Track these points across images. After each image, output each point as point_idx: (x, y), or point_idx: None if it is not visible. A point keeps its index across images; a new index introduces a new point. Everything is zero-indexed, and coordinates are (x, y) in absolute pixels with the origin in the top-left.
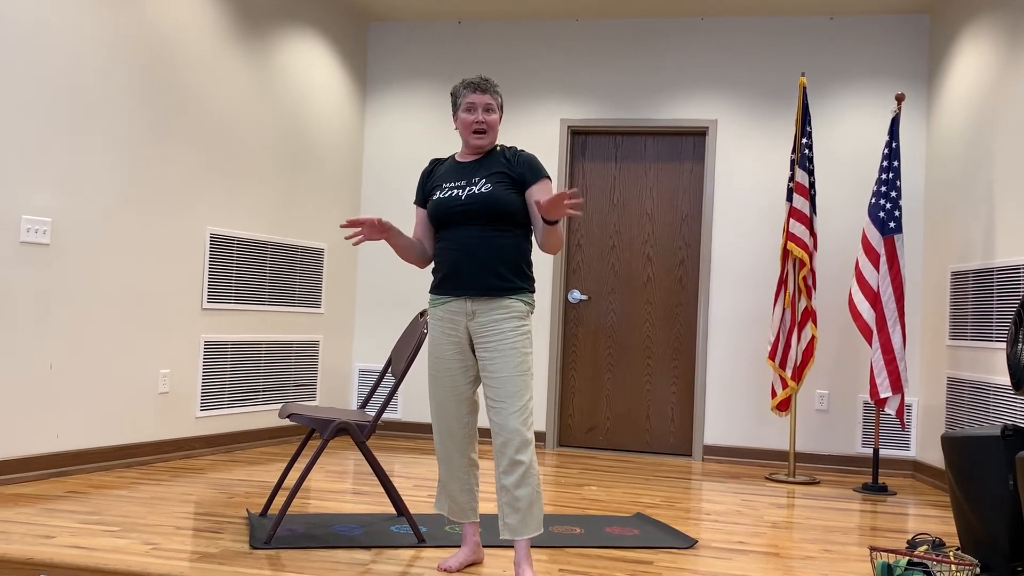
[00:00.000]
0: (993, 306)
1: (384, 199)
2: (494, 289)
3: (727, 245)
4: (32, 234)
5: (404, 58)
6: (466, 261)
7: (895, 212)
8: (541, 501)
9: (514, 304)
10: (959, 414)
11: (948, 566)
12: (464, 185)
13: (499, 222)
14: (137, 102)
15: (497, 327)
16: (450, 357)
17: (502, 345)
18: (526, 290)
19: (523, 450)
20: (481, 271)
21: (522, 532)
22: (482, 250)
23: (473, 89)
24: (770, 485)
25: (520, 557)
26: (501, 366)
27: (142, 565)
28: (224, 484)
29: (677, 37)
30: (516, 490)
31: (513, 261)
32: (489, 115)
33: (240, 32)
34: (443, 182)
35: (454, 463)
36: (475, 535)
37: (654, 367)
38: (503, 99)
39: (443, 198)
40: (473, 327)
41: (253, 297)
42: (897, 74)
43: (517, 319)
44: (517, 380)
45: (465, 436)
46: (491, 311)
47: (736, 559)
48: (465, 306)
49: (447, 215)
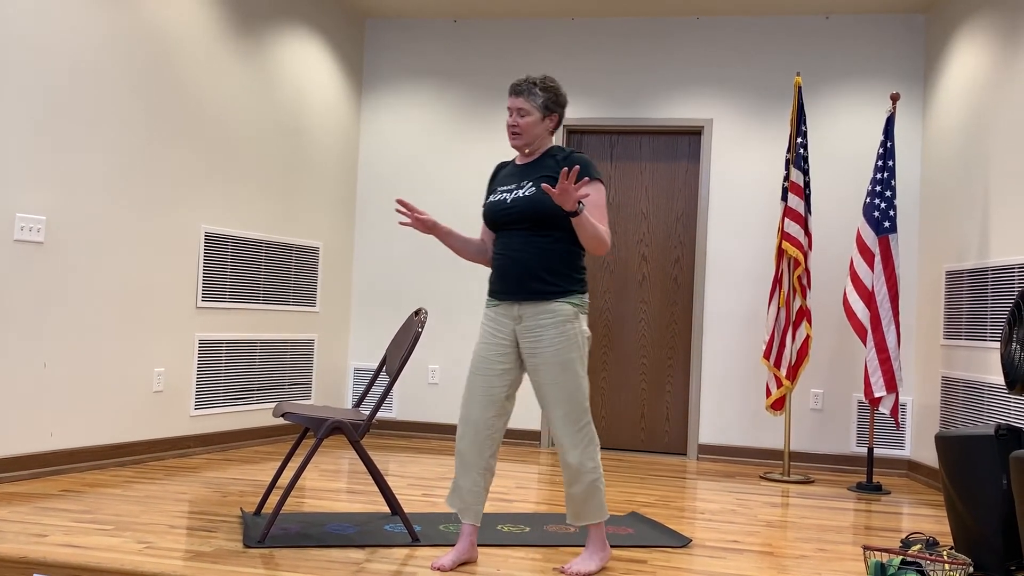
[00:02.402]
0: (987, 305)
1: (380, 197)
2: (538, 293)
3: (722, 244)
4: (26, 232)
5: (400, 56)
6: (511, 266)
7: (890, 212)
8: (599, 494)
9: (561, 307)
10: (953, 413)
11: (942, 565)
12: (513, 189)
13: (543, 226)
14: (131, 100)
15: (543, 332)
16: (491, 357)
17: (546, 352)
18: (574, 291)
19: (571, 452)
20: (526, 276)
21: (579, 520)
22: (526, 255)
23: (510, 92)
24: (765, 484)
25: (588, 539)
26: (548, 373)
27: (135, 564)
28: (218, 483)
29: (673, 36)
30: (569, 488)
31: (558, 265)
32: (521, 118)
33: (235, 29)
34: (498, 186)
35: (470, 462)
36: (472, 535)
37: (649, 366)
38: (554, 95)
39: (492, 202)
40: (520, 331)
41: (248, 295)
42: (892, 74)
43: (563, 323)
44: (567, 386)
45: (487, 437)
46: (537, 315)
47: (730, 558)
48: (512, 310)
49: (495, 219)
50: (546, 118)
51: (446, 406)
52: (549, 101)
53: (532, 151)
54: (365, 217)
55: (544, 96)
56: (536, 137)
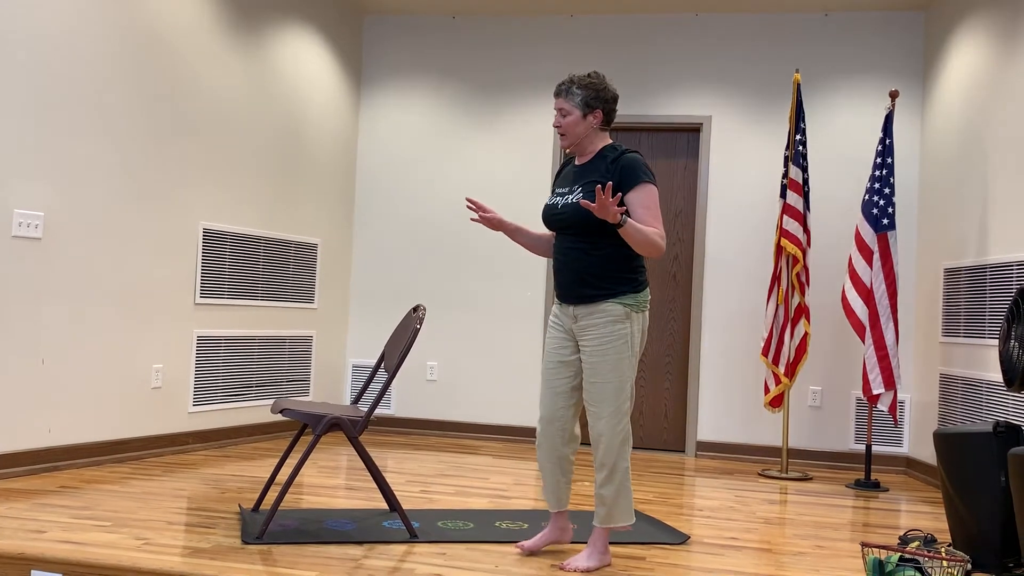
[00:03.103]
0: (986, 303)
1: (378, 193)
2: (586, 298)
3: (721, 241)
4: (24, 228)
5: (398, 53)
6: (563, 271)
7: (888, 209)
8: (629, 497)
9: (611, 308)
10: (952, 411)
11: (940, 562)
12: (565, 193)
13: (591, 233)
14: (130, 96)
15: (594, 332)
16: (554, 350)
17: (597, 351)
18: (624, 292)
19: (608, 453)
20: (575, 281)
21: (607, 522)
22: (574, 261)
23: (554, 94)
24: (763, 481)
25: (592, 539)
26: (594, 371)
27: (133, 560)
28: (216, 479)
29: (672, 33)
30: (600, 488)
31: (608, 268)
32: (564, 118)
33: (234, 26)
34: (557, 187)
35: (545, 451)
36: (558, 520)
37: (647, 363)
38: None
39: (548, 204)
40: (576, 330)
41: (246, 292)
42: (891, 71)
43: (612, 323)
44: (609, 386)
45: (559, 429)
46: (589, 315)
47: (728, 555)
48: (569, 311)
49: (549, 223)
50: (588, 115)
51: (445, 403)
52: (589, 98)
53: (585, 150)
54: (363, 213)
55: (583, 94)
56: (581, 136)
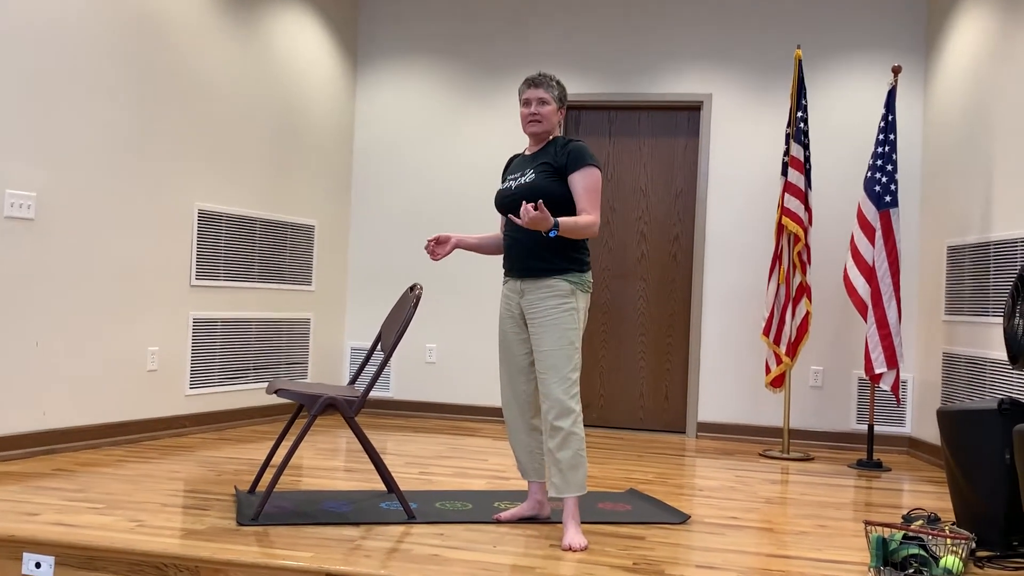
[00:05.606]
0: (990, 280)
1: (376, 174)
2: (536, 271)
3: (722, 220)
4: (17, 209)
5: (395, 32)
6: (514, 247)
7: (891, 186)
8: (584, 465)
9: (558, 284)
10: (955, 389)
11: (944, 540)
12: (518, 176)
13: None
14: (124, 76)
15: (541, 304)
16: (507, 329)
17: (545, 321)
18: (571, 270)
19: (563, 417)
20: (526, 255)
21: (564, 490)
22: (527, 236)
23: (528, 85)
24: (764, 461)
25: (566, 515)
26: (542, 340)
27: (126, 542)
28: (213, 462)
29: (671, 10)
30: (558, 452)
31: (556, 245)
32: (542, 107)
33: (229, 5)
34: (508, 175)
35: (512, 426)
36: (537, 493)
37: (648, 344)
38: (564, 91)
39: (500, 189)
40: (524, 304)
41: (242, 274)
42: (894, 46)
43: (559, 297)
44: (558, 353)
45: (524, 403)
46: (536, 290)
47: (729, 534)
48: (517, 286)
49: (502, 205)
50: (559, 109)
51: (443, 385)
52: (562, 95)
53: (543, 141)
54: (361, 195)
55: (559, 89)
56: (553, 126)
